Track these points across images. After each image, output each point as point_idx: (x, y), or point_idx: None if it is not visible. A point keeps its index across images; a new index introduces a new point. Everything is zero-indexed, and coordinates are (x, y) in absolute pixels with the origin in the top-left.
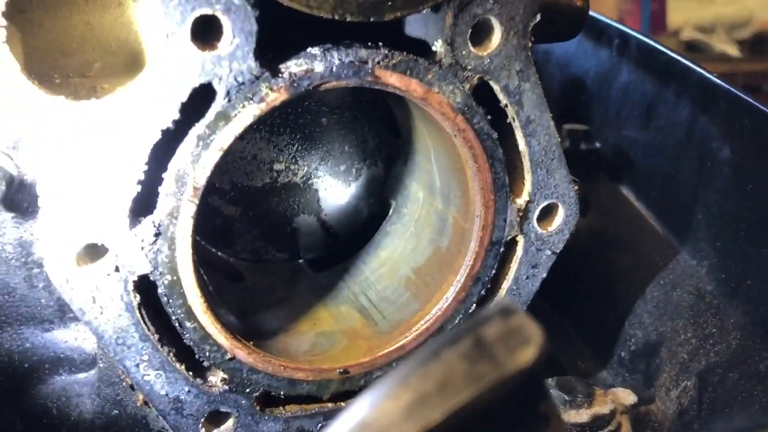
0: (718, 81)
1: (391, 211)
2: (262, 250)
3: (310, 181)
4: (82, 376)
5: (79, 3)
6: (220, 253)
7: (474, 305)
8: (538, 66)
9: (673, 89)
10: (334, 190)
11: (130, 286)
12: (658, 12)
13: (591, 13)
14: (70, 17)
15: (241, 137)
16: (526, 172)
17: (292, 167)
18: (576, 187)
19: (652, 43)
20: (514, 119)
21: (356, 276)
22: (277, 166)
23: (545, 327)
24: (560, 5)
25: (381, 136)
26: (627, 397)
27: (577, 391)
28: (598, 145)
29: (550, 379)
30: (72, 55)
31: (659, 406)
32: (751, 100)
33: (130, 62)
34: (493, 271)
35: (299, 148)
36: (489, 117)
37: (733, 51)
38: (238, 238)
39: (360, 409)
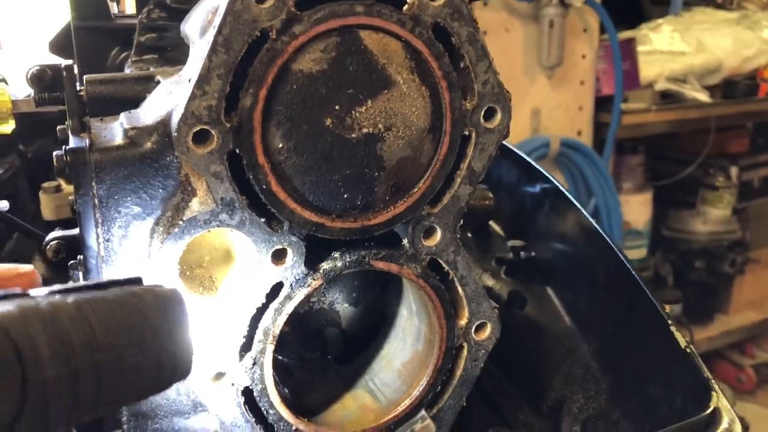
0: (602, 233)
1: (387, 321)
2: (303, 353)
3: (333, 306)
4: None
5: None
6: (279, 357)
7: (439, 387)
8: (494, 191)
9: (571, 228)
10: (349, 309)
11: (239, 393)
12: (631, 70)
13: (522, 154)
14: None
15: None
16: (464, 306)
17: (321, 299)
18: (497, 311)
19: (560, 188)
20: (453, 277)
21: (367, 367)
22: (312, 299)
23: (496, 387)
24: (476, 207)
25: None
26: None
27: None
28: (533, 254)
29: (490, 429)
30: (193, 252)
31: None
32: (623, 262)
33: (226, 255)
34: (450, 365)
35: (326, 287)
36: (438, 277)
37: (704, 98)
38: (288, 346)
39: None
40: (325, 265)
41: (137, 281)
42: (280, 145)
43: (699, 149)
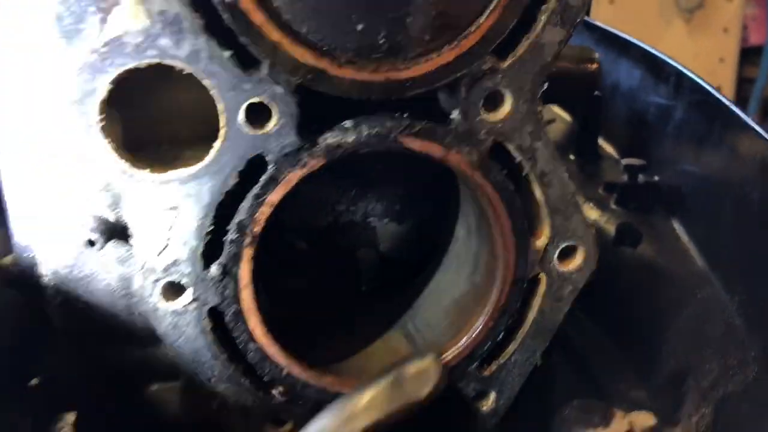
0: (758, 129)
1: (438, 246)
2: (325, 280)
3: (368, 220)
4: (170, 384)
5: (170, 84)
6: (289, 279)
7: (502, 334)
8: (606, 100)
9: (717, 132)
10: (389, 227)
11: (204, 315)
12: None
13: (648, 48)
14: (162, 96)
15: (308, 182)
16: (545, 217)
17: (351, 208)
18: (593, 230)
19: (701, 83)
20: (529, 173)
21: (407, 304)
22: (338, 207)
23: (593, 349)
24: (571, 70)
25: (430, 178)
26: (646, 420)
27: (594, 413)
28: (656, 178)
29: (574, 401)
30: (163, 124)
31: (683, 430)
32: None
33: (212, 131)
34: (518, 304)
35: (358, 192)
36: (505, 172)
37: None
38: (308, 269)
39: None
40: (330, 139)
41: None
42: None
43: None
